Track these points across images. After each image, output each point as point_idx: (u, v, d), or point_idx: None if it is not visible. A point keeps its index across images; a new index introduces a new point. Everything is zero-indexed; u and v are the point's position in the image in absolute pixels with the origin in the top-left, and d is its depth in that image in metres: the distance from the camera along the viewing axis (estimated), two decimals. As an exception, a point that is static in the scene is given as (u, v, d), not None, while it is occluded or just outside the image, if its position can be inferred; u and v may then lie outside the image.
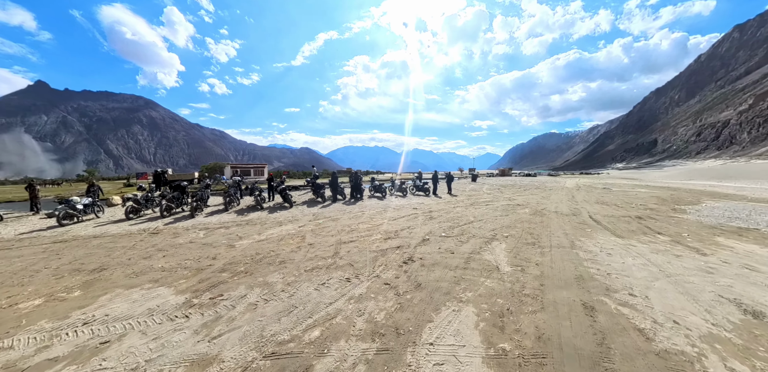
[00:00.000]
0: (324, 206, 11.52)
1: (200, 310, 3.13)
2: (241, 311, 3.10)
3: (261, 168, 44.50)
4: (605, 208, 10.28)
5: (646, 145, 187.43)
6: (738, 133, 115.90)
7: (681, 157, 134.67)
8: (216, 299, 3.42)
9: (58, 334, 2.80)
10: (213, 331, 2.75)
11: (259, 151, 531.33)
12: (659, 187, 21.58)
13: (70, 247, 6.23)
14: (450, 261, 4.58)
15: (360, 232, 6.93)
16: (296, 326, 2.78)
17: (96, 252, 5.70)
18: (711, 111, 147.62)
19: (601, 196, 14.42)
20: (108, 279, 4.19)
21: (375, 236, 6.44)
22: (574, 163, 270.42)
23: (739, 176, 39.44)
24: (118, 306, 3.33)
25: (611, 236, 6.24)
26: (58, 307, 3.38)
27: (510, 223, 7.45)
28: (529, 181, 32.14)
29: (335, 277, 4.13)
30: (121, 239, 6.77)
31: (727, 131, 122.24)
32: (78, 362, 2.38)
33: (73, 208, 9.33)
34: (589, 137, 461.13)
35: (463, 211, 9.71)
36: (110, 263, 4.93)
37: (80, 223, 9.06)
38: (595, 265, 4.35)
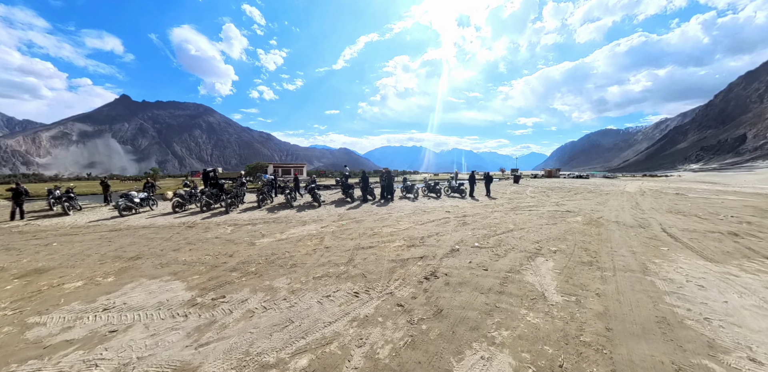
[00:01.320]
0: (352, 207, 11.21)
1: (200, 311, 3.11)
2: (236, 318, 2.97)
3: (300, 167, 46.56)
4: (683, 220, 8.41)
5: (731, 141, 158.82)
6: None
7: None
8: (217, 300, 3.37)
9: (82, 316, 3.06)
10: (203, 336, 2.66)
11: (300, 152, 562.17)
12: (754, 194, 17.66)
13: (121, 235, 7.01)
14: (482, 281, 3.79)
15: (382, 236, 6.37)
16: (286, 347, 2.48)
17: (139, 241, 6.29)
18: None
19: (674, 204, 12.05)
20: (139, 268, 4.53)
21: (398, 242, 5.83)
22: (635, 164, 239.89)
23: None
24: (137, 295, 3.54)
25: (699, 259, 4.86)
26: (91, 290, 3.72)
27: (559, 235, 6.30)
28: (580, 183, 28.78)
29: (343, 289, 3.70)
30: (163, 231, 7.41)
31: None
32: (87, 348, 2.54)
33: (131, 201, 10.53)
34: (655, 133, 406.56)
35: (502, 216, 8.63)
36: (146, 253, 5.36)
37: (136, 215, 10.21)
38: (682, 302, 3.24)
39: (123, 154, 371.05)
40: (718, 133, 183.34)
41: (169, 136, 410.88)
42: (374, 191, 13.74)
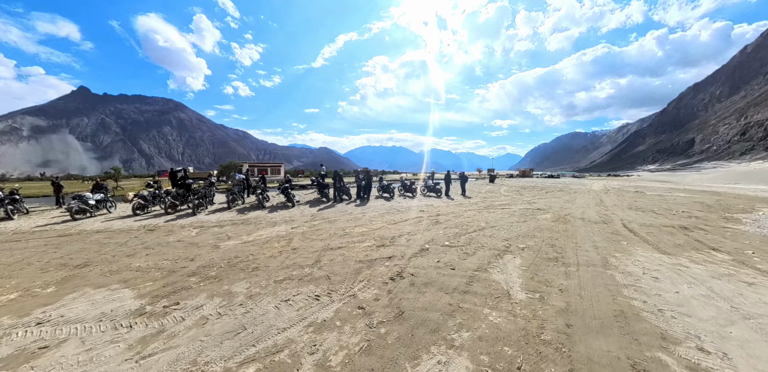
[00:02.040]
0: (326, 207, 10.89)
1: (147, 320, 2.91)
2: (187, 326, 2.80)
3: (278, 167, 45.12)
4: (641, 216, 8.91)
5: (682, 145, 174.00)
6: None
7: (722, 158, 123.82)
8: (170, 308, 3.16)
9: (11, 333, 2.76)
10: (147, 348, 2.47)
11: (279, 151, 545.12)
12: (700, 192, 19.29)
13: (71, 241, 6.38)
14: (448, 280, 3.69)
15: (353, 236, 6.17)
16: (235, 356, 2.34)
17: (90, 247, 5.74)
18: (758, 107, 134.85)
19: (634, 201, 12.83)
20: (85, 276, 4.17)
21: (368, 242, 5.66)
22: (600, 165, 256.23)
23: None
24: (77, 307, 3.25)
25: (654, 252, 5.08)
26: (26, 303, 3.37)
27: (528, 232, 6.40)
28: (551, 182, 30.12)
29: (304, 292, 3.52)
30: (119, 235, 6.82)
31: None
32: (11, 368, 2.30)
33: (85, 204, 9.57)
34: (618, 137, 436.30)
35: (475, 215, 8.70)
36: (95, 259, 4.92)
37: (92, 218, 9.31)
38: (639, 294, 3.32)
39: (82, 151, 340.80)
40: (672, 138, 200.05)
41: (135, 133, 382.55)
42: (350, 191, 13.49)
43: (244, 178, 16.51)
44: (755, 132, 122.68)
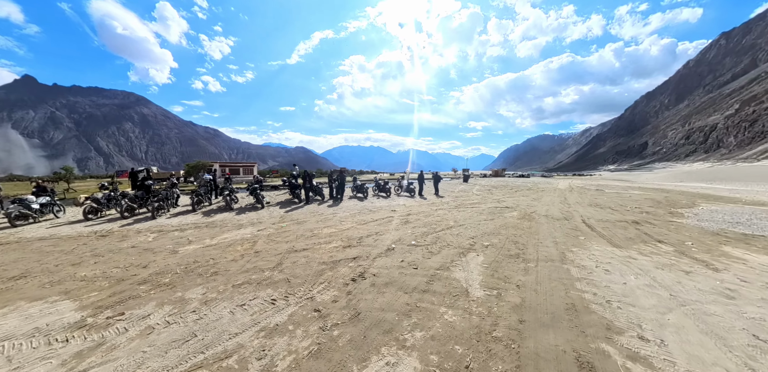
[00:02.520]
0: (297, 208, 10.55)
1: (87, 333, 2.71)
2: (131, 337, 2.64)
3: (250, 167, 43.23)
4: (599, 212, 9.47)
5: (637, 147, 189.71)
6: (725, 137, 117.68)
7: (671, 159, 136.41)
8: (113, 319, 2.97)
9: None
10: (83, 363, 2.30)
11: (253, 150, 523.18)
12: (652, 189, 21.01)
13: (6, 250, 5.83)
14: (409, 280, 3.62)
15: (320, 238, 5.97)
16: (179, 365, 2.24)
17: (29, 256, 5.28)
18: (699, 115, 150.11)
19: (594, 199, 13.66)
20: (20, 289, 3.83)
21: (334, 243, 5.49)
22: (567, 165, 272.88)
23: (728, 178, 39.43)
24: (7, 322, 2.97)
25: (608, 246, 5.37)
26: None
27: (494, 229, 6.54)
28: (521, 182, 31.46)
29: (261, 296, 3.38)
30: (65, 242, 6.23)
31: (715, 135, 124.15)
32: None
33: (27, 208, 8.57)
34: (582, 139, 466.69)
35: (445, 214, 8.79)
36: (35, 270, 4.55)
37: (35, 224, 8.40)
38: (590, 287, 3.45)
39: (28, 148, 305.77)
40: (628, 141, 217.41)
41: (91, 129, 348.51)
42: (323, 191, 13.18)
43: (211, 178, 15.64)
44: (697, 137, 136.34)
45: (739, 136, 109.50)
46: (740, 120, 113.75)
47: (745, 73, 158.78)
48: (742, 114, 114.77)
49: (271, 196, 14.27)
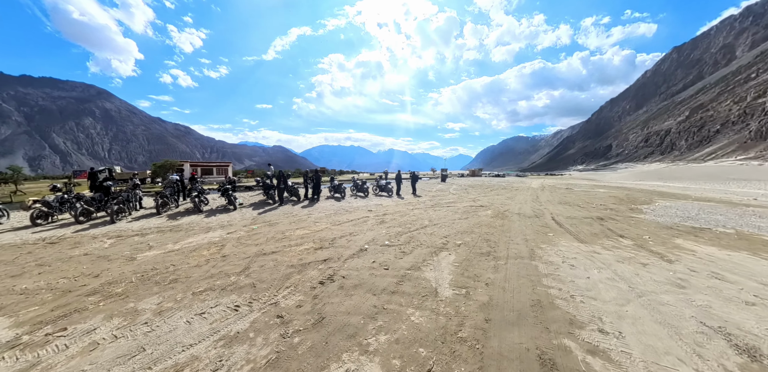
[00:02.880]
0: (271, 209, 10.15)
1: (20, 353, 2.43)
2: (71, 354, 2.39)
3: (225, 167, 41.18)
4: (568, 209, 9.90)
5: (603, 149, 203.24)
6: (677, 141, 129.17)
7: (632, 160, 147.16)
8: (53, 335, 2.69)
9: None
10: None
11: (228, 149, 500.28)
12: (615, 187, 22.40)
13: None
14: (379, 281, 3.52)
15: (292, 240, 5.74)
16: None
17: None
18: (656, 121, 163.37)
19: (563, 197, 14.31)
20: None
21: (306, 245, 5.28)
22: (539, 165, 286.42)
23: (681, 177, 43.06)
24: None
25: (574, 242, 5.57)
26: None
27: (467, 228, 6.60)
28: (497, 181, 32.44)
29: (224, 303, 3.16)
30: (6, 251, 5.58)
31: (669, 138, 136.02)
32: None
33: None
34: (553, 141, 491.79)
35: (421, 213, 8.80)
36: None
37: None
38: (556, 282, 3.52)
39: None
40: (595, 143, 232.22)
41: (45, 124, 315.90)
42: (299, 191, 12.81)
43: (178, 178, 14.74)
44: (654, 139, 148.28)
45: (689, 139, 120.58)
46: (690, 125, 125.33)
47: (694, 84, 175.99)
48: (692, 120, 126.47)
49: (244, 198, 13.68)
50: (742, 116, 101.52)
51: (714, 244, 5.82)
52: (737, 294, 3.46)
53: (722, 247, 5.57)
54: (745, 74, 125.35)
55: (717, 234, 6.70)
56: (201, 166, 39.19)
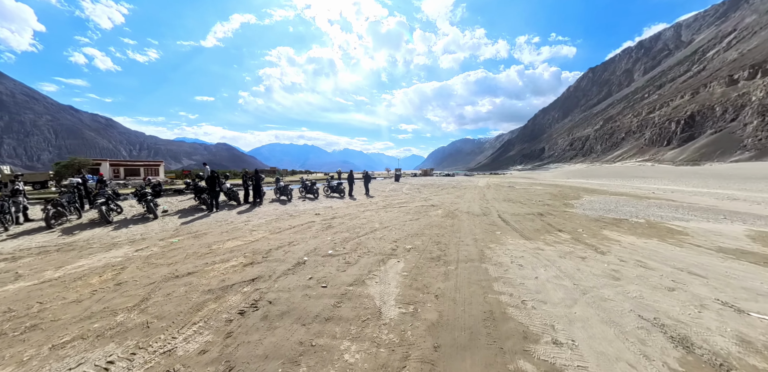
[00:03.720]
0: (203, 216, 8.75)
1: None
2: None
3: (155, 166, 35.58)
4: (512, 206, 10.39)
5: (537, 151, 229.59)
6: (594, 145, 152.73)
7: (561, 161, 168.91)
8: None
9: None
10: None
11: (163, 146, 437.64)
12: (549, 185, 24.88)
13: None
14: (313, 305, 2.93)
15: (218, 254, 4.80)
16: None
17: None
18: (578, 128, 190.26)
19: (507, 194, 15.21)
20: None
21: (234, 261, 4.42)
22: (485, 165, 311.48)
23: (599, 175, 50.13)
24: None
25: (520, 239, 5.64)
26: None
27: (418, 230, 6.33)
28: (447, 180, 33.80)
29: (92, 360, 2.24)
30: None
31: (588, 143, 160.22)
32: None
33: None
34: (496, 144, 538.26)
35: (372, 215, 8.36)
36: None
37: None
38: (507, 287, 3.33)
39: None
40: (531, 146, 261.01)
41: None
42: (238, 195, 11.42)
43: (79, 182, 12.11)
44: (577, 144, 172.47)
45: (603, 144, 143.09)
46: (603, 133, 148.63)
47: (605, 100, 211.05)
48: (605, 129, 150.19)
49: (172, 203, 11.75)
50: (639, 127, 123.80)
51: (632, 233, 6.45)
52: (659, 280, 3.69)
53: (639, 236, 6.17)
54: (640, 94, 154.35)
55: (633, 224, 7.50)
56: (124, 165, 33.37)
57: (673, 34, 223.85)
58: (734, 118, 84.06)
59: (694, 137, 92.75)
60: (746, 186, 22.98)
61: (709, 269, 4.18)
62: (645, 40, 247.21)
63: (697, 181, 29.37)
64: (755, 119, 76.48)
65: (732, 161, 68.27)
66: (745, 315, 2.88)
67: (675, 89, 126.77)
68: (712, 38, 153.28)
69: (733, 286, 3.61)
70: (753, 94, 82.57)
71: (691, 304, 3.08)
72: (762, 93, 79.97)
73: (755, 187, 22.22)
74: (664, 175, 43.83)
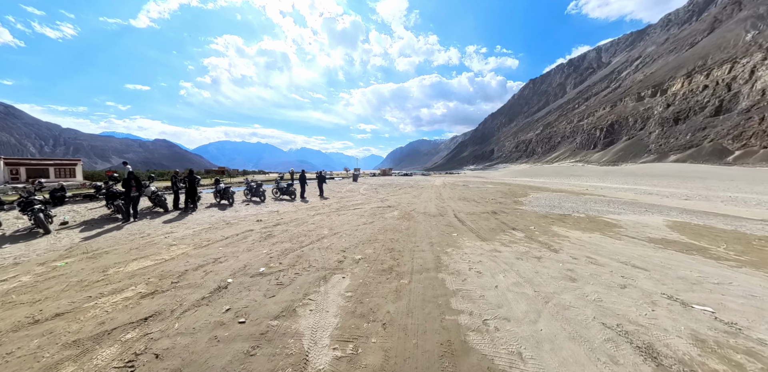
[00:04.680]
0: (113, 228, 7.08)
1: None
2: None
3: (70, 166, 29.37)
4: (467, 205, 10.41)
5: (487, 153, 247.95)
6: (536, 148, 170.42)
7: (508, 162, 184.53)
8: None
9: None
10: None
11: (85, 141, 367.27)
12: (499, 183, 26.35)
13: None
14: (219, 354, 2.15)
15: (111, 283, 3.65)
16: None
17: None
18: (522, 132, 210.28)
19: (462, 193, 15.49)
20: None
21: (129, 292, 3.37)
22: (441, 165, 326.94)
23: (541, 174, 55.22)
24: None
25: (477, 240, 5.40)
26: None
27: (371, 235, 5.76)
28: (405, 180, 34.04)
29: None
30: None
31: (531, 146, 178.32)
32: None
33: None
34: (451, 145, 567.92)
35: (322, 220, 7.58)
36: None
37: None
38: (466, 302, 2.90)
39: None
40: (482, 147, 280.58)
41: None
42: (165, 200, 9.69)
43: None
44: (522, 146, 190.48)
45: (543, 147, 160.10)
46: (543, 137, 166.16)
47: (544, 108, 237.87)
48: (544, 133, 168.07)
49: (78, 212, 9.55)
50: (572, 133, 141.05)
51: (577, 228, 6.69)
52: (611, 278, 3.65)
53: (583, 230, 6.40)
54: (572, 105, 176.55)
55: (576, 219, 7.89)
56: (27, 164, 27.10)
57: (595, 55, 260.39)
58: (642, 128, 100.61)
59: (614, 142, 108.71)
60: (653, 182, 26.94)
61: (647, 261, 4.36)
62: (574, 59, 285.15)
63: (618, 179, 33.74)
64: (657, 129, 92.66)
65: (641, 162, 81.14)
66: (690, 308, 2.92)
67: (599, 102, 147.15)
68: (625, 61, 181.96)
69: (671, 276, 3.75)
70: (655, 109, 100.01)
71: (643, 301, 3.03)
72: (661, 108, 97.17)
73: (660, 182, 26.16)
74: (593, 174, 49.85)
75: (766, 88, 70.23)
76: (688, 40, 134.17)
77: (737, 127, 68.88)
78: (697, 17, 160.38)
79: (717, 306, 2.97)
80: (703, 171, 48.16)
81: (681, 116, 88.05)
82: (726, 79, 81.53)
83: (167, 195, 11.58)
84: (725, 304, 3.01)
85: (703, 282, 3.60)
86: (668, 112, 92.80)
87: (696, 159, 68.45)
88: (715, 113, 78.83)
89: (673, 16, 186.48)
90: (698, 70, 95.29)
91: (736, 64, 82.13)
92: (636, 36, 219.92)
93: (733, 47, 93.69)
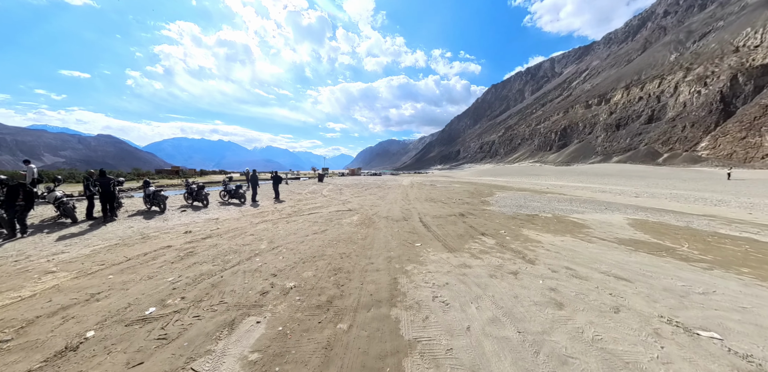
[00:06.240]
0: None
1: None
2: None
3: None
4: (434, 207, 9.81)
5: (454, 153, 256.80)
6: (499, 149, 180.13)
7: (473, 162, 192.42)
8: None
9: None
10: None
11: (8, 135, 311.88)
12: (466, 183, 26.56)
13: None
14: None
15: None
16: None
17: None
18: (486, 134, 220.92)
19: (429, 193, 14.99)
20: None
21: None
22: (409, 165, 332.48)
23: (504, 174, 57.63)
24: None
25: (443, 252, 4.67)
26: None
27: (318, 249, 4.77)
28: (373, 180, 33.22)
29: None
30: None
31: (494, 147, 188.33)
32: None
33: None
34: (419, 145, 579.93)
35: (266, 229, 6.41)
36: None
37: None
38: (426, 362, 2.08)
39: None
40: (449, 148, 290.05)
41: None
42: (73, 208, 7.79)
43: None
44: (486, 147, 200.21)
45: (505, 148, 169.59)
46: (505, 139, 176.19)
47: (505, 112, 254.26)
48: (506, 136, 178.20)
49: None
50: (530, 135, 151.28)
51: (547, 230, 6.32)
52: (599, 296, 3.13)
53: (554, 233, 6.03)
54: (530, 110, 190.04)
55: (544, 219, 7.58)
56: None
57: (549, 65, 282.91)
58: (590, 132, 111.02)
59: (567, 145, 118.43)
60: (603, 180, 28.97)
61: (626, 268, 4.00)
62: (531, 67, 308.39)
63: (573, 178, 35.98)
64: (602, 133, 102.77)
65: (590, 163, 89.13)
66: (696, 336, 2.43)
67: (553, 108, 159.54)
68: (574, 72, 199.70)
69: (656, 288, 3.37)
70: (600, 116, 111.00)
71: (645, 333, 2.49)
72: (605, 115, 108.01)
73: (609, 181, 28.17)
74: (551, 173, 53.03)
75: (687, 102, 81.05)
76: (625, 57, 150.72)
77: (665, 134, 78.63)
78: (632, 38, 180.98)
79: (719, 328, 2.54)
80: (641, 170, 53.83)
81: (621, 123, 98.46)
82: (656, 93, 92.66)
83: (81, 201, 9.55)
84: (726, 325, 2.59)
85: (690, 293, 3.23)
86: (611, 118, 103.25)
87: (634, 160, 76.48)
88: (648, 121, 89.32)
89: (612, 35, 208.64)
90: (634, 83, 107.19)
91: (664, 79, 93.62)
92: (583, 50, 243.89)
93: (661, 65, 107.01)
